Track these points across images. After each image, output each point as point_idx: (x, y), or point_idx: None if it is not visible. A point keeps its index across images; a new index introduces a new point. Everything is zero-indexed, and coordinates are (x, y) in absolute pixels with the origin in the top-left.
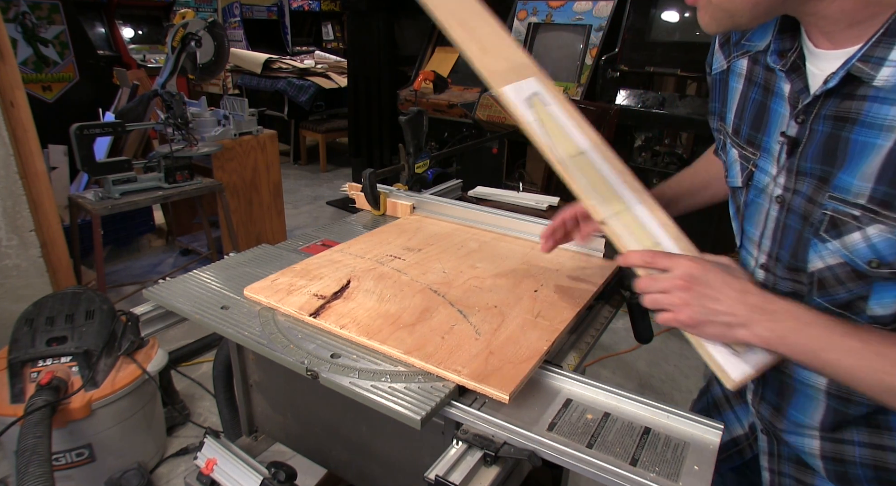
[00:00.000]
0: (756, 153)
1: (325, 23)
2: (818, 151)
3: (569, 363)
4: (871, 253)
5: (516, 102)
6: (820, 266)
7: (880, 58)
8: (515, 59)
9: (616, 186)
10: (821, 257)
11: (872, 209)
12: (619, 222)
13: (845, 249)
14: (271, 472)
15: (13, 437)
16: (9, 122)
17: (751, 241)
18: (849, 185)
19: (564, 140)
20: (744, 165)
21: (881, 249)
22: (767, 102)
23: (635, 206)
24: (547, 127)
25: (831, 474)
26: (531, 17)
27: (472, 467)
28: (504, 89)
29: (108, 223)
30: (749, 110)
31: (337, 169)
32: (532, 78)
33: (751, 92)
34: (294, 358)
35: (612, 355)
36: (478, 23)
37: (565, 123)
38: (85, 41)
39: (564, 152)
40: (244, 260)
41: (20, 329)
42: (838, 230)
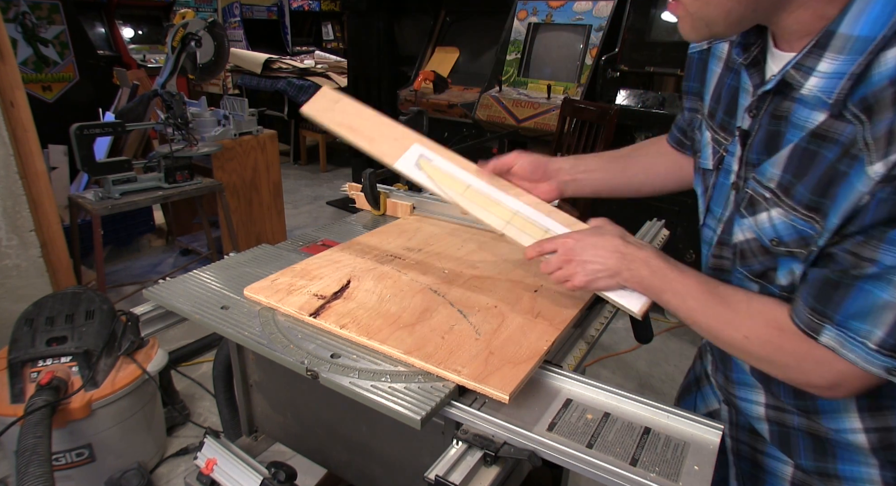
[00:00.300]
0: (728, 138)
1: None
2: (761, 145)
3: (569, 363)
4: (773, 232)
5: (408, 170)
6: (740, 239)
7: (809, 67)
8: (396, 134)
9: (500, 198)
10: (741, 230)
11: (777, 194)
12: (514, 228)
13: (756, 226)
14: (271, 472)
15: (13, 437)
16: (9, 122)
17: (715, 219)
18: (766, 171)
19: (453, 182)
20: (716, 148)
21: (780, 229)
22: (738, 90)
23: (521, 208)
24: (437, 179)
25: (776, 437)
26: (531, 17)
27: (472, 467)
28: (396, 165)
29: (108, 223)
30: (725, 95)
31: (337, 169)
32: (413, 144)
33: (727, 78)
34: (294, 358)
35: (612, 355)
36: (360, 121)
37: (448, 168)
38: (85, 41)
39: (456, 193)
40: (244, 260)
41: (20, 329)
42: (753, 208)
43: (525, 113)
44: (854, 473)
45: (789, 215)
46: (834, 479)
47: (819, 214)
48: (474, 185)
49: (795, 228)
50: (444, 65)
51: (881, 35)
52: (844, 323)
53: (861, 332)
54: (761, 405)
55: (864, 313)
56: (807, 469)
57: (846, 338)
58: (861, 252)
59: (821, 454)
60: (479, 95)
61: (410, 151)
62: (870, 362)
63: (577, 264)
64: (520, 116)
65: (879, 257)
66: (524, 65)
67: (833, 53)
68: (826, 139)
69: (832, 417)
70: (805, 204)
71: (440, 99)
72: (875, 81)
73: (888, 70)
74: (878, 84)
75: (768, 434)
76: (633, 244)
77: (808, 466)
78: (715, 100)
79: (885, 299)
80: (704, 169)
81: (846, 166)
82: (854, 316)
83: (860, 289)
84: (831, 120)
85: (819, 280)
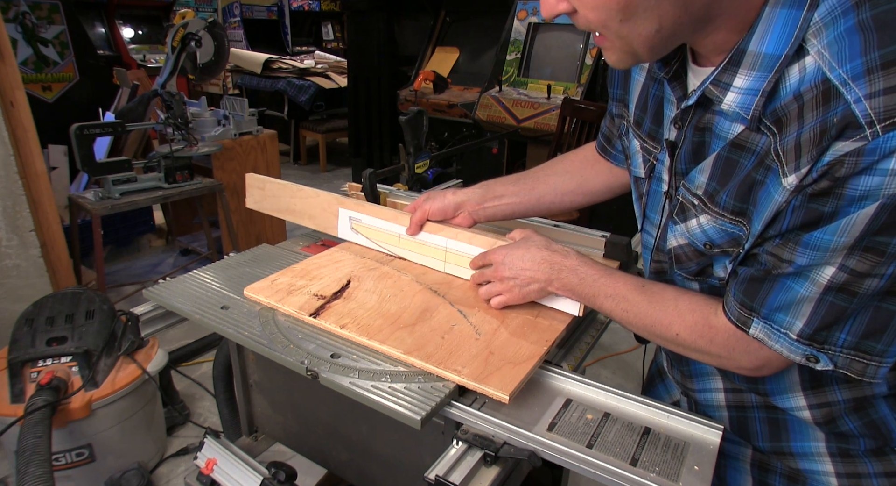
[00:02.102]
0: (657, 147)
1: (325, 23)
2: (688, 155)
3: (569, 363)
4: (705, 237)
5: (348, 236)
6: (674, 244)
7: (726, 84)
8: (324, 204)
9: (428, 239)
10: (674, 237)
11: (703, 201)
12: (452, 265)
13: (688, 232)
14: (271, 472)
15: (13, 437)
16: (9, 122)
17: (653, 224)
18: (694, 179)
19: (386, 236)
20: (646, 157)
21: (711, 234)
22: (663, 101)
23: (448, 244)
24: (373, 237)
25: (734, 423)
26: (531, 17)
27: (472, 467)
28: (339, 235)
29: (108, 223)
30: (651, 105)
31: (337, 169)
32: (339, 208)
33: (652, 87)
34: (294, 358)
35: (612, 355)
36: (291, 200)
37: (377, 224)
38: (85, 41)
39: (392, 246)
40: (244, 260)
41: (20, 329)
42: (684, 215)
43: (525, 113)
44: (805, 448)
45: (717, 221)
46: (788, 456)
47: (744, 218)
48: (402, 232)
49: (725, 232)
50: (444, 65)
51: (784, 54)
52: (770, 316)
53: (784, 323)
54: (720, 390)
55: (786, 307)
56: (764, 451)
57: (772, 330)
58: (780, 254)
59: (776, 435)
60: (479, 95)
61: (340, 217)
62: (792, 351)
63: (506, 281)
64: (520, 116)
65: (796, 259)
66: (524, 65)
67: (745, 70)
68: (744, 149)
69: (780, 397)
70: (730, 209)
71: (440, 99)
72: (782, 95)
73: (793, 85)
74: (785, 98)
75: (727, 422)
76: (559, 253)
77: (766, 447)
78: (641, 108)
79: (803, 294)
80: (637, 177)
81: (762, 176)
82: (777, 309)
83: (782, 284)
84: (748, 131)
85: (746, 278)
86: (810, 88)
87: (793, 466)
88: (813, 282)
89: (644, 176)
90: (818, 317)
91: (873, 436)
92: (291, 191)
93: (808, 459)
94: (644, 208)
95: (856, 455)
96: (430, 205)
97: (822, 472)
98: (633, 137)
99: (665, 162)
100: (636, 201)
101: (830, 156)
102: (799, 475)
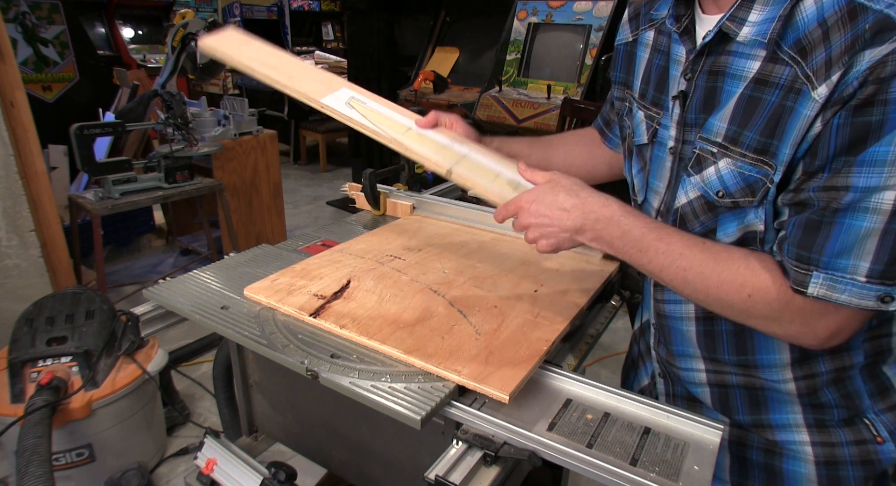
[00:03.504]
0: (660, 112)
1: (325, 23)
2: (700, 103)
3: (569, 363)
4: (720, 184)
5: (339, 108)
6: (683, 201)
7: (742, 19)
8: (322, 77)
9: (449, 144)
10: (685, 193)
11: (724, 146)
12: (463, 168)
13: (702, 182)
14: (271, 472)
15: (13, 437)
16: (9, 122)
17: (655, 192)
18: (712, 126)
19: (391, 124)
20: (649, 124)
21: (726, 180)
22: (667, 66)
23: (470, 154)
24: (371, 118)
25: (715, 398)
26: (531, 17)
27: (472, 467)
28: (323, 101)
29: (108, 223)
30: (654, 75)
31: (337, 169)
32: (343, 88)
33: (655, 59)
34: (294, 358)
35: (612, 355)
36: (276, 60)
37: (386, 112)
38: (85, 41)
39: (395, 133)
40: (244, 260)
41: (20, 329)
42: (700, 166)
43: (525, 113)
44: (783, 420)
45: (737, 163)
46: (767, 428)
47: (767, 155)
48: (415, 128)
49: (742, 176)
50: (444, 65)
51: None
52: (830, 264)
53: (848, 269)
54: (702, 371)
55: (847, 249)
56: (743, 424)
57: (835, 280)
58: (834, 183)
59: (755, 408)
60: (479, 95)
61: (340, 91)
62: (863, 296)
63: (537, 229)
64: (520, 116)
65: (852, 182)
66: (524, 65)
67: (760, 5)
68: (767, 84)
69: (769, 370)
70: (753, 148)
71: (440, 99)
72: (801, 26)
73: (811, 15)
74: (807, 27)
75: (709, 397)
76: (595, 200)
77: (745, 420)
78: (645, 81)
79: (866, 227)
80: (639, 146)
81: (792, 101)
82: (838, 254)
83: (839, 225)
84: (770, 65)
85: (800, 224)
86: (834, 13)
87: (770, 438)
88: (875, 211)
89: (647, 141)
90: (886, 249)
91: (847, 407)
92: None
93: (785, 430)
94: (647, 177)
95: (830, 425)
96: (460, 122)
97: (798, 442)
98: (637, 109)
99: (674, 117)
100: (638, 174)
101: (868, 61)
102: (776, 447)
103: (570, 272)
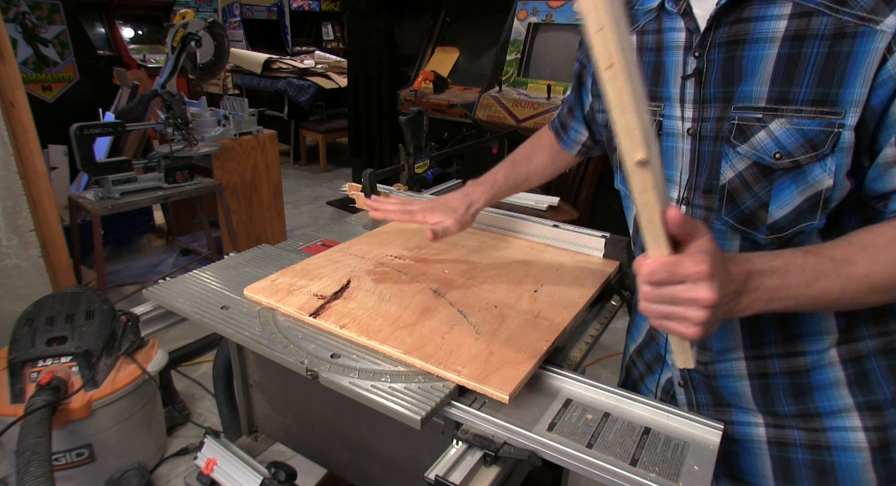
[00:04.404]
0: (660, 105)
1: (325, 23)
2: (719, 77)
3: (569, 363)
4: (775, 146)
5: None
6: (730, 175)
7: None
8: None
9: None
10: (731, 166)
11: (772, 108)
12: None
13: (753, 149)
14: (271, 472)
15: (13, 437)
16: (9, 122)
17: (670, 183)
18: (749, 94)
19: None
20: (652, 119)
21: (783, 140)
22: (661, 59)
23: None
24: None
25: (756, 391)
26: (531, 17)
27: (472, 467)
28: None
29: (108, 223)
30: (647, 72)
31: (337, 169)
32: None
33: (644, 57)
34: (294, 358)
35: (612, 355)
36: None
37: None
38: (85, 41)
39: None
40: (244, 260)
41: (20, 329)
42: (745, 135)
43: (525, 113)
44: (832, 406)
45: (793, 120)
46: (815, 417)
47: (827, 104)
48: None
49: (801, 132)
50: (444, 65)
51: None
52: None
53: None
54: (741, 360)
55: None
56: (788, 415)
57: None
58: None
59: (800, 396)
60: (479, 95)
61: None
62: None
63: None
64: (520, 116)
65: None
66: (524, 65)
67: None
68: (805, 38)
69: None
70: (811, 100)
71: (440, 99)
72: None
73: None
74: None
75: (748, 390)
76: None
77: (790, 411)
78: None
79: None
80: None
81: (847, 46)
82: None
83: None
84: (803, 20)
85: None
86: None
87: (818, 427)
88: None
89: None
90: None
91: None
92: None
93: (834, 417)
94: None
95: (881, 407)
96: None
97: (849, 428)
98: None
99: (688, 98)
100: None
101: None
102: (821, 440)
103: (570, 272)
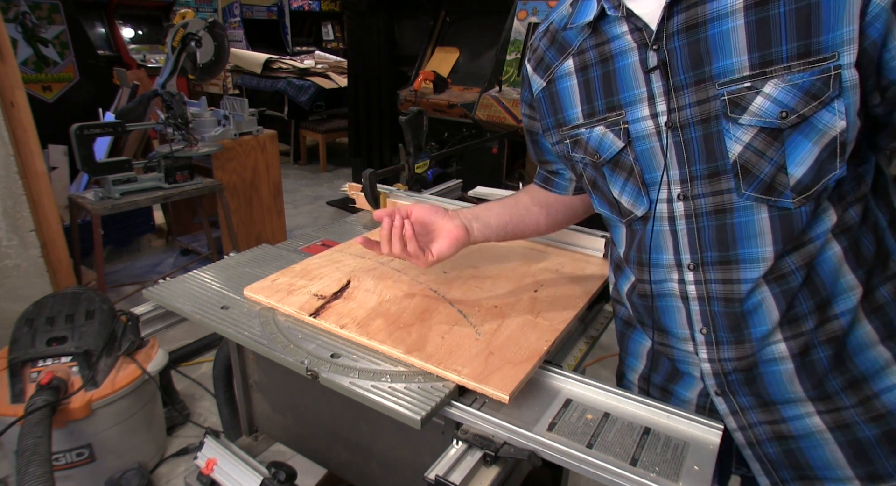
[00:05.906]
0: (622, 112)
1: (325, 23)
2: (686, 62)
3: (569, 363)
4: (777, 106)
5: None
6: (739, 149)
7: None
8: None
9: None
10: (737, 140)
11: (759, 73)
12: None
13: (756, 116)
14: (271, 472)
15: (13, 437)
16: (9, 122)
17: (657, 185)
18: (729, 66)
19: None
20: (615, 129)
21: (782, 99)
22: (611, 68)
23: None
24: None
25: (801, 370)
26: (531, 17)
27: (472, 467)
28: None
29: (108, 223)
30: (596, 87)
31: (337, 169)
32: None
33: (590, 74)
34: (294, 358)
35: (613, 355)
36: None
37: None
38: (85, 41)
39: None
40: (244, 260)
41: (20, 329)
42: (742, 106)
43: None
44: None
45: (785, 77)
46: (862, 383)
47: (812, 54)
48: None
49: (797, 86)
50: (444, 65)
51: None
52: None
53: None
54: (780, 341)
55: None
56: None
57: None
58: None
59: (842, 364)
60: (479, 95)
61: None
62: None
63: None
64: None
65: None
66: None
67: None
68: (770, 1)
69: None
70: (797, 54)
71: (440, 99)
72: None
73: None
74: None
75: (794, 372)
76: None
77: (837, 384)
78: (587, 101)
79: None
80: (613, 158)
81: None
82: None
83: None
84: None
85: None
86: None
87: (868, 393)
88: None
89: (624, 144)
90: None
91: None
92: None
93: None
94: (640, 176)
95: None
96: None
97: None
98: (589, 130)
99: (657, 92)
100: (624, 186)
101: None
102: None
103: (570, 273)
